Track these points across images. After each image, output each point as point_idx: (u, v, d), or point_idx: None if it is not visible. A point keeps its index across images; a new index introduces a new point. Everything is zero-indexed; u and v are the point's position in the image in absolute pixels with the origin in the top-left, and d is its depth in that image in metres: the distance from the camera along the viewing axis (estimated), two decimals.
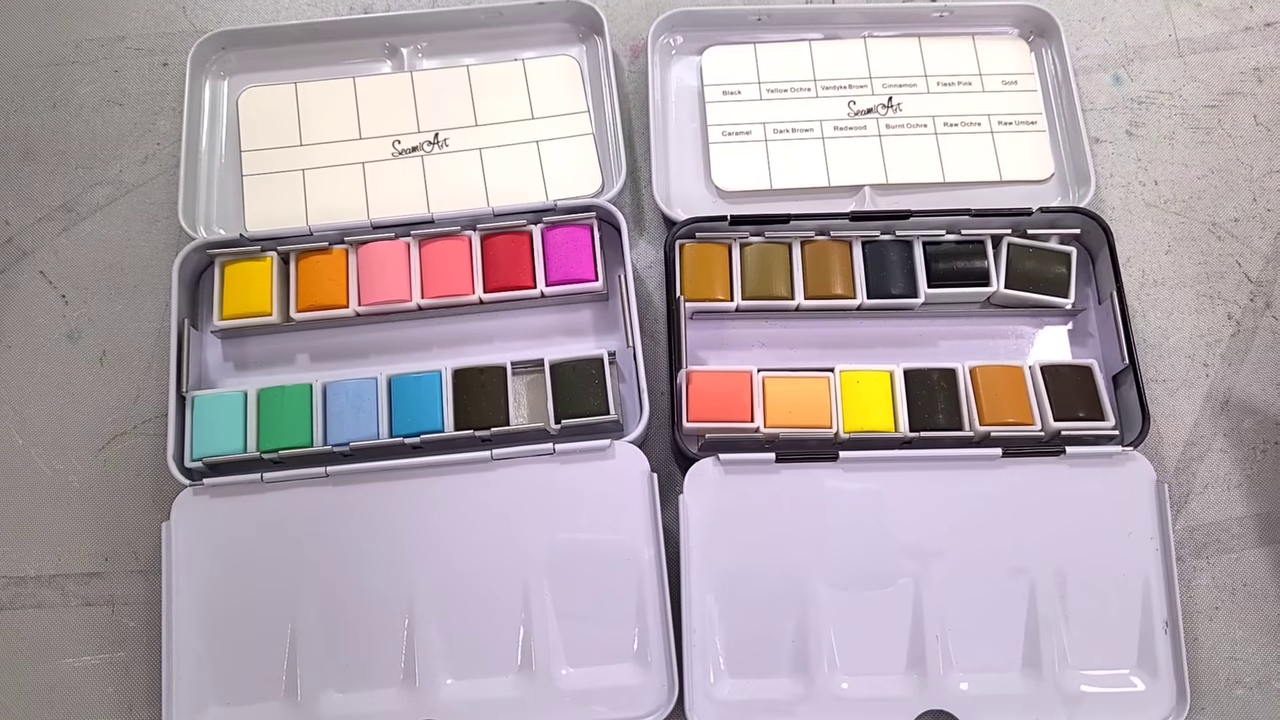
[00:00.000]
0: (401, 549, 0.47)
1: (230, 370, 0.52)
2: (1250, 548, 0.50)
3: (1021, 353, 0.52)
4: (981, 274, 0.51)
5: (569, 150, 0.55)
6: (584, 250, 0.51)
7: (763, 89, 0.56)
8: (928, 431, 0.48)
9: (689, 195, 0.54)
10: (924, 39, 0.57)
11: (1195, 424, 0.52)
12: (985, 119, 0.55)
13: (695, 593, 0.46)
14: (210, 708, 0.46)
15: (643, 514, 0.47)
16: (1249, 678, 0.48)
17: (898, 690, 0.46)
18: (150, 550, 0.49)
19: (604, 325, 0.52)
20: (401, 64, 0.57)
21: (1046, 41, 0.57)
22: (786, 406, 0.48)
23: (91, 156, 0.57)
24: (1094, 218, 0.51)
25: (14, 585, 0.50)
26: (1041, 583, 0.47)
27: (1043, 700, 0.46)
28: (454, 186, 0.54)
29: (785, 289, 0.51)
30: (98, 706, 0.48)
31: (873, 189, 0.54)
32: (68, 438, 0.52)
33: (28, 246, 0.55)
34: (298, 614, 0.47)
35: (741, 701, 0.46)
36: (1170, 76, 0.58)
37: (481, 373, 0.49)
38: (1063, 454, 0.48)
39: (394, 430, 0.48)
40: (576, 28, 0.58)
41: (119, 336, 0.53)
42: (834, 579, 0.47)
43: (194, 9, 0.60)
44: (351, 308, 0.51)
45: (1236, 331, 0.53)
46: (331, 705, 0.46)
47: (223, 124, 0.56)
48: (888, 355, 0.51)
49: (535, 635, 0.46)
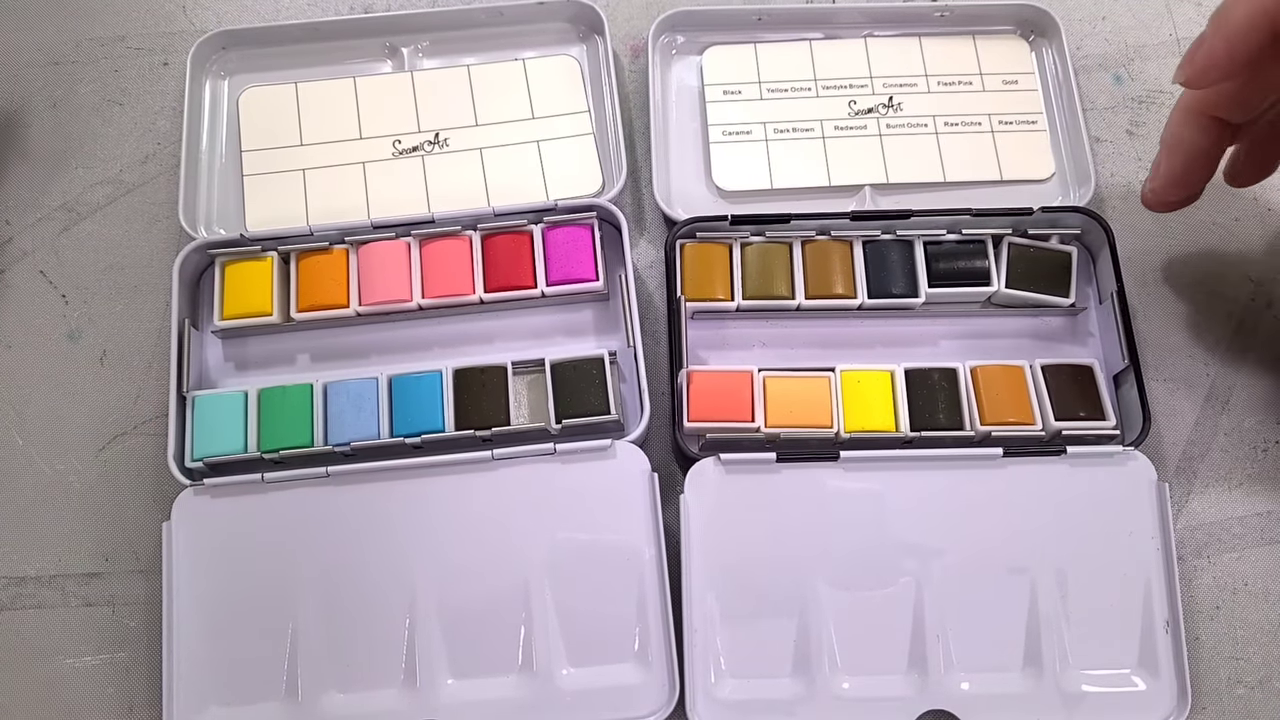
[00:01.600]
0: (402, 549, 0.47)
1: (231, 370, 0.52)
2: (1251, 547, 0.50)
3: (1022, 352, 0.52)
4: (982, 274, 0.51)
5: (569, 150, 0.55)
6: (584, 250, 0.51)
7: (763, 89, 0.56)
8: (928, 431, 0.48)
9: (689, 195, 0.54)
10: (924, 39, 0.57)
11: (1196, 424, 0.52)
12: (986, 119, 0.55)
13: (696, 592, 0.46)
14: (211, 708, 0.46)
15: (643, 514, 0.47)
16: (1250, 677, 0.48)
17: (898, 690, 0.46)
18: (150, 550, 0.49)
19: (605, 325, 0.52)
20: (402, 64, 0.57)
21: (1047, 41, 0.57)
22: (787, 406, 0.48)
23: (91, 156, 0.57)
24: (1095, 217, 0.51)
25: (14, 585, 0.50)
26: (1042, 582, 0.47)
27: (1043, 700, 0.46)
28: (454, 186, 0.54)
29: (786, 289, 0.51)
30: (98, 707, 0.48)
31: (873, 189, 0.54)
32: (68, 438, 0.52)
33: (28, 246, 0.55)
34: (298, 614, 0.47)
35: (742, 701, 0.46)
36: (1170, 76, 0.58)
37: (482, 373, 0.49)
38: (1063, 454, 0.48)
39: (395, 430, 0.48)
40: (577, 28, 0.57)
41: (119, 336, 0.53)
42: (835, 579, 0.47)
43: (194, 9, 0.60)
44: (352, 308, 0.51)
45: (1237, 331, 0.53)
46: (332, 705, 0.46)
47: (223, 124, 0.56)
48: (888, 355, 0.51)
49: (536, 635, 0.46)
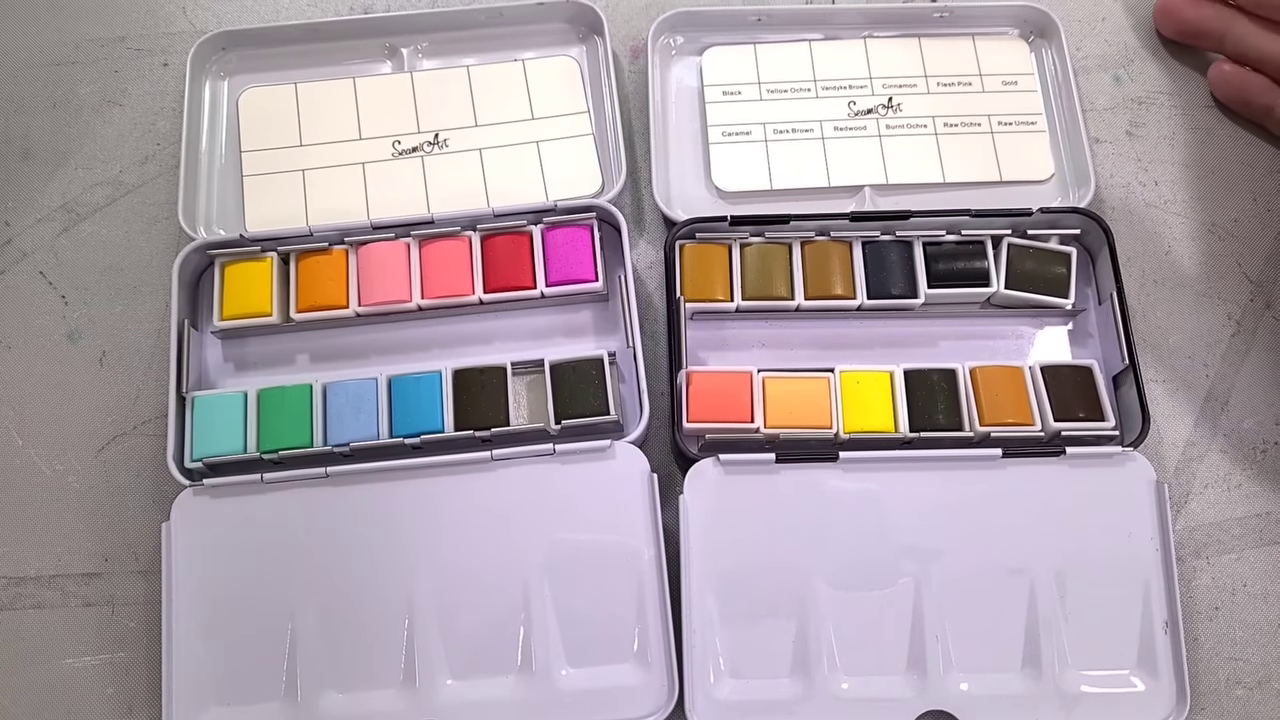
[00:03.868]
0: (402, 549, 0.47)
1: (230, 371, 0.52)
2: (1250, 548, 0.50)
3: (1021, 353, 0.52)
4: (982, 274, 0.51)
5: (569, 150, 0.55)
6: (584, 251, 0.51)
7: (763, 89, 0.56)
8: (928, 432, 0.48)
9: (689, 195, 0.54)
10: (924, 39, 0.57)
11: (1195, 424, 0.52)
12: (985, 119, 0.55)
13: (695, 593, 0.46)
14: (210, 708, 0.46)
15: (643, 514, 0.47)
16: (1249, 678, 0.48)
17: (898, 690, 0.46)
18: (150, 550, 0.49)
19: (604, 325, 0.52)
20: (401, 64, 0.57)
21: (1046, 41, 0.57)
22: (786, 407, 0.48)
23: (91, 156, 0.57)
24: (1094, 218, 0.51)
25: (14, 585, 0.50)
26: (1041, 583, 0.47)
27: (1043, 700, 0.46)
28: (454, 187, 0.54)
29: (785, 289, 0.51)
30: (98, 707, 0.48)
31: (873, 189, 0.54)
32: (68, 438, 0.52)
33: (28, 247, 0.55)
34: (298, 614, 0.47)
35: (742, 702, 0.46)
36: (1171, 76, 0.58)
37: (482, 373, 0.49)
38: (1063, 454, 0.48)
39: (394, 430, 0.48)
40: (576, 28, 0.57)
41: (119, 337, 0.53)
42: (834, 579, 0.47)
43: (194, 9, 0.60)
44: (351, 308, 0.51)
45: (1237, 332, 0.53)
46: (332, 705, 0.46)
47: (223, 124, 0.56)
48: (888, 355, 0.51)
49: (535, 635, 0.46)
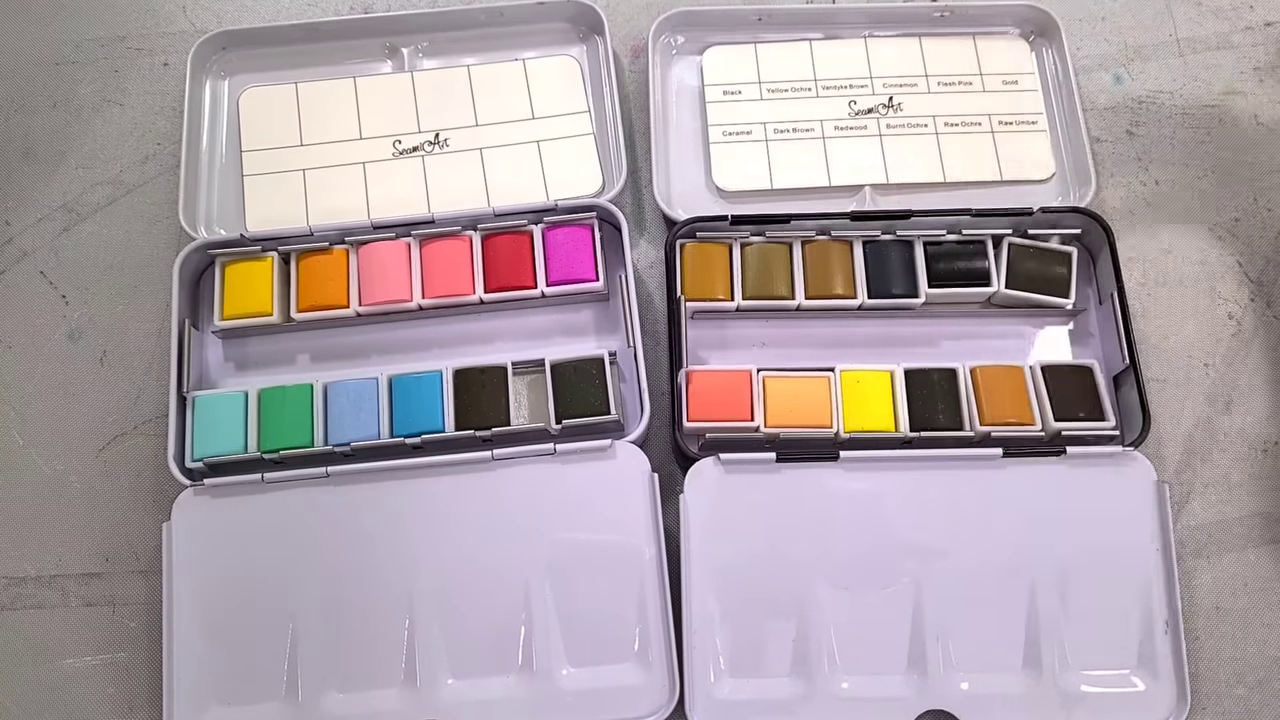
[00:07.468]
0: (402, 549, 0.47)
1: (231, 370, 0.52)
2: (1251, 548, 0.50)
3: (1022, 353, 0.52)
4: (982, 274, 0.51)
5: (569, 150, 0.55)
6: (585, 250, 0.51)
7: (763, 89, 0.56)
8: (928, 431, 0.48)
9: (689, 195, 0.54)
10: (924, 39, 0.57)
11: (1196, 424, 0.52)
12: (986, 119, 0.55)
13: (696, 592, 0.46)
14: (211, 708, 0.46)
15: (643, 514, 0.47)
16: (1249, 678, 0.48)
17: (898, 690, 0.46)
18: (151, 550, 0.49)
19: (605, 325, 0.52)
20: (402, 64, 0.57)
21: (1047, 41, 0.57)
22: (787, 406, 0.48)
23: (91, 156, 0.57)
24: (1094, 218, 0.51)
25: (14, 585, 0.50)
26: (1042, 583, 0.47)
27: (1043, 700, 0.46)
28: (454, 186, 0.54)
29: (786, 289, 0.51)
30: (98, 707, 0.48)
31: (873, 189, 0.54)
32: (68, 438, 0.52)
33: (28, 246, 0.55)
34: (298, 614, 0.47)
35: (742, 701, 0.46)
36: (1171, 76, 0.58)
37: (482, 373, 0.49)
38: (1063, 454, 0.48)
39: (395, 430, 0.48)
40: (577, 28, 0.57)
41: (119, 337, 0.53)
42: (834, 579, 0.47)
43: (194, 9, 0.60)
44: (352, 308, 0.51)
45: (1237, 331, 0.53)
46: (332, 705, 0.46)
47: (223, 124, 0.56)
48: (888, 355, 0.51)
49: (536, 635, 0.46)
